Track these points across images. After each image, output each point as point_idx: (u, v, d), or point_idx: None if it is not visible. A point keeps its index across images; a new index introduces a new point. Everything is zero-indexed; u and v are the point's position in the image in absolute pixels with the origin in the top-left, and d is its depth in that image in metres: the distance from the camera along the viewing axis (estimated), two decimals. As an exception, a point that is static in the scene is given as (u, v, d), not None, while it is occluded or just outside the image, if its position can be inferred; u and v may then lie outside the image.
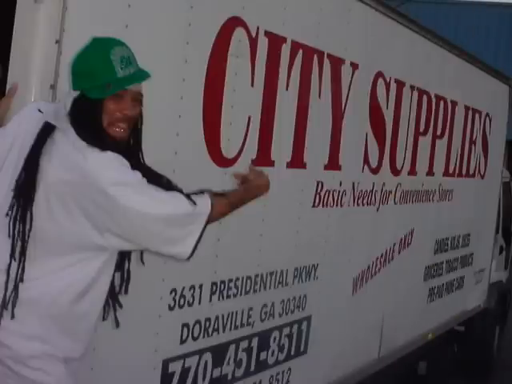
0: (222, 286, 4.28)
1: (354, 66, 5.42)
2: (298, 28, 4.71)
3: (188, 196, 2.90)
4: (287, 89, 4.64)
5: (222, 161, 4.10)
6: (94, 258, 2.85)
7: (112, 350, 3.50)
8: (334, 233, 5.49)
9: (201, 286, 4.10)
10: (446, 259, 8.09)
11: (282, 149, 4.66)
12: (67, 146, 2.79)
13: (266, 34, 4.36)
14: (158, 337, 3.85)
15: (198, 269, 3.89)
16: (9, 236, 2.79)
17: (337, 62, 5.18)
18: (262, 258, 4.63)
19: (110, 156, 2.78)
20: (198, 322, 4.13)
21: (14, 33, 3.14)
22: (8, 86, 3.11)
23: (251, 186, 3.14)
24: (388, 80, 6.03)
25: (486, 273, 9.72)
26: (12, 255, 2.79)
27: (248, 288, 4.53)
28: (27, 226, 2.78)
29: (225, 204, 3.02)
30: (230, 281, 4.35)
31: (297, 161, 4.85)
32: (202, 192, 2.98)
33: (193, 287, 4.04)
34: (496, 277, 10.25)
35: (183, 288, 3.96)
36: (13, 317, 2.78)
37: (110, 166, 2.77)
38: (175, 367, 4.00)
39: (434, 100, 7.11)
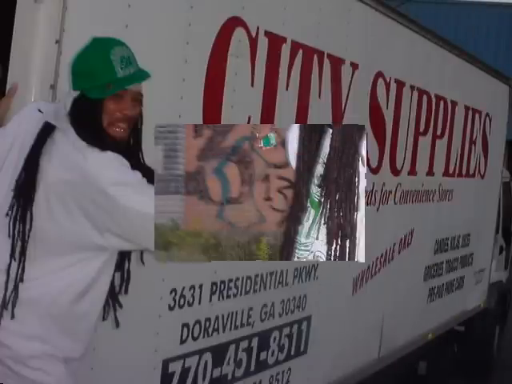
0: (222, 286, 4.28)
1: (354, 66, 5.42)
2: (298, 28, 4.71)
3: (188, 196, 2.90)
4: (287, 89, 4.64)
5: (222, 161, 4.10)
6: (94, 257, 2.85)
7: (112, 350, 3.49)
8: (334, 233, 5.48)
9: (201, 286, 4.10)
10: (446, 259, 8.08)
11: (281, 149, 4.65)
12: (67, 146, 2.79)
13: (266, 34, 4.36)
14: (158, 337, 3.85)
15: (198, 269, 3.89)
16: (9, 236, 2.79)
17: (337, 62, 5.18)
18: (262, 258, 4.62)
19: (110, 156, 2.77)
20: (197, 321, 4.12)
21: (14, 33, 3.13)
22: (8, 86, 3.11)
23: (251, 186, 3.14)
24: (388, 80, 6.03)
25: (486, 273, 9.72)
26: (12, 255, 2.79)
27: (248, 288, 4.52)
28: (27, 226, 2.78)
29: (225, 204, 3.02)
30: (230, 281, 4.35)
31: (297, 161, 4.84)
32: (201, 192, 2.97)
33: (193, 287, 4.04)
34: (496, 277, 10.25)
35: (183, 288, 3.96)
36: (13, 317, 2.78)
37: (110, 165, 2.76)
38: (175, 367, 4.00)
39: (434, 100, 7.11)
